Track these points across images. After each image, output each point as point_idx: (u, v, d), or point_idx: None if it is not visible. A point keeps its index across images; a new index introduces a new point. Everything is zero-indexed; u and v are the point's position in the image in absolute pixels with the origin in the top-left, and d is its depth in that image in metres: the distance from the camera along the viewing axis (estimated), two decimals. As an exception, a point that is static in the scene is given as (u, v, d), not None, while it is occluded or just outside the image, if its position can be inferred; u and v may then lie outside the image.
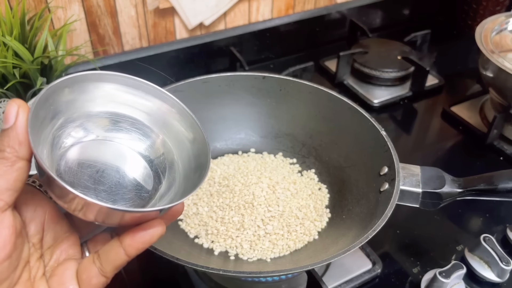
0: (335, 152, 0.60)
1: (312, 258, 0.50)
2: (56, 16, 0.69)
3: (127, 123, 0.38)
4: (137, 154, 0.39)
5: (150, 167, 0.39)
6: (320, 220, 0.56)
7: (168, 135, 0.39)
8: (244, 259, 0.51)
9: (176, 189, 0.37)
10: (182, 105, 0.39)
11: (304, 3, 0.90)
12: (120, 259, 0.33)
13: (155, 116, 0.39)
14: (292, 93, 0.62)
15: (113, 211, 0.30)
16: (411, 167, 0.51)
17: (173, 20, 0.78)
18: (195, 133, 0.39)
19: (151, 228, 0.33)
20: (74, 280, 0.33)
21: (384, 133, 0.54)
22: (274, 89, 0.63)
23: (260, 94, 0.63)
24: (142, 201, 0.37)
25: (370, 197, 0.52)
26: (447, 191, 0.49)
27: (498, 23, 0.74)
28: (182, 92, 0.60)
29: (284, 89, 0.62)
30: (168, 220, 0.36)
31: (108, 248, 0.33)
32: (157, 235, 0.33)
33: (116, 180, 0.36)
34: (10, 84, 0.54)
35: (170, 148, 0.39)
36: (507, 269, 0.53)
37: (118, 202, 0.35)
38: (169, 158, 0.39)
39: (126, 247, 0.33)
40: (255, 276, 0.46)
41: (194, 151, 0.39)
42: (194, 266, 0.42)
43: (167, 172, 0.39)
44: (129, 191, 0.37)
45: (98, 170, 0.36)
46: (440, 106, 0.82)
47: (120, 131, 0.38)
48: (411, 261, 0.57)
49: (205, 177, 0.36)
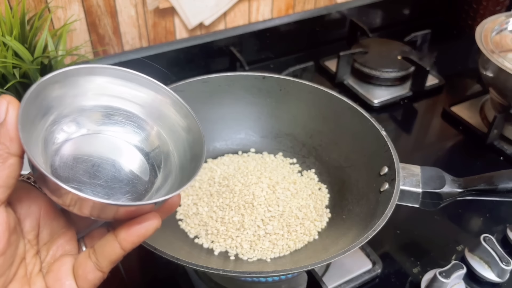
0: (335, 152, 0.60)
1: (312, 258, 0.50)
2: (56, 16, 0.69)
3: (121, 116, 0.38)
4: (132, 147, 0.38)
5: (146, 160, 0.38)
6: (320, 220, 0.55)
7: (162, 127, 0.39)
8: (244, 259, 0.51)
9: (173, 181, 0.37)
10: (176, 95, 0.39)
11: (304, 3, 0.90)
12: (115, 254, 0.33)
13: (149, 108, 0.39)
14: (292, 93, 0.62)
15: (107, 205, 0.30)
16: (411, 167, 0.51)
17: (173, 20, 0.78)
18: (190, 123, 0.39)
19: (146, 221, 0.32)
20: (70, 276, 0.33)
21: (384, 133, 0.54)
22: (274, 89, 0.63)
23: (260, 94, 0.63)
24: (139, 195, 0.36)
25: (370, 197, 0.52)
26: (447, 191, 0.49)
27: (498, 23, 0.74)
28: (182, 92, 0.60)
29: (284, 89, 0.62)
30: (164, 213, 0.36)
31: (103, 242, 0.33)
32: (152, 228, 0.33)
33: (112, 174, 0.36)
34: (10, 84, 0.54)
35: (165, 140, 0.39)
36: (507, 269, 0.53)
37: (114, 196, 0.35)
38: (164, 150, 0.39)
39: (121, 241, 0.32)
40: (255, 276, 0.46)
41: (189, 141, 0.38)
42: (194, 266, 0.42)
43: (163, 164, 0.38)
44: (125, 184, 0.36)
45: (94, 164, 0.36)
46: (440, 106, 0.82)
47: (115, 125, 0.38)
48: (411, 261, 0.57)
49: (200, 167, 0.35)
